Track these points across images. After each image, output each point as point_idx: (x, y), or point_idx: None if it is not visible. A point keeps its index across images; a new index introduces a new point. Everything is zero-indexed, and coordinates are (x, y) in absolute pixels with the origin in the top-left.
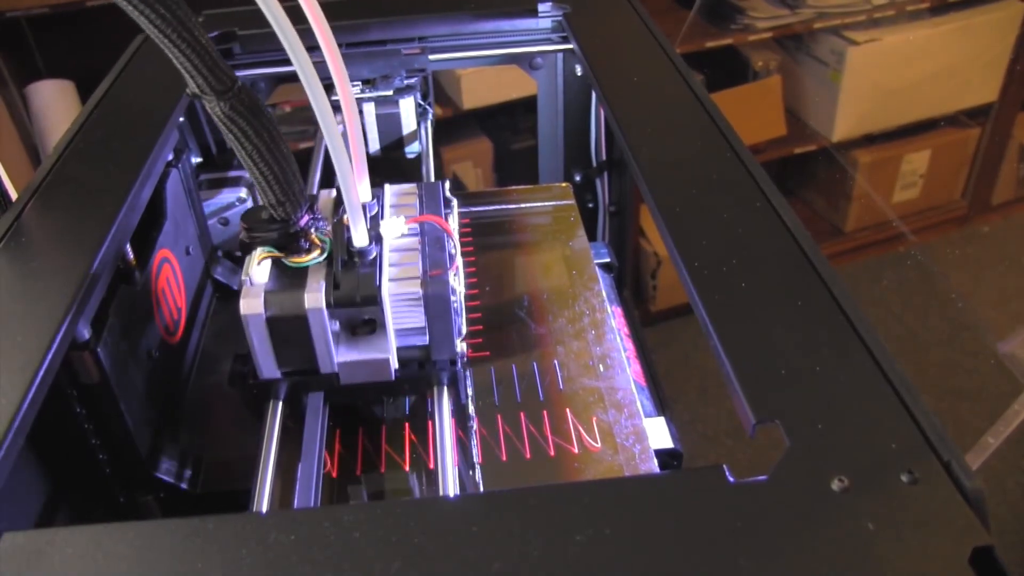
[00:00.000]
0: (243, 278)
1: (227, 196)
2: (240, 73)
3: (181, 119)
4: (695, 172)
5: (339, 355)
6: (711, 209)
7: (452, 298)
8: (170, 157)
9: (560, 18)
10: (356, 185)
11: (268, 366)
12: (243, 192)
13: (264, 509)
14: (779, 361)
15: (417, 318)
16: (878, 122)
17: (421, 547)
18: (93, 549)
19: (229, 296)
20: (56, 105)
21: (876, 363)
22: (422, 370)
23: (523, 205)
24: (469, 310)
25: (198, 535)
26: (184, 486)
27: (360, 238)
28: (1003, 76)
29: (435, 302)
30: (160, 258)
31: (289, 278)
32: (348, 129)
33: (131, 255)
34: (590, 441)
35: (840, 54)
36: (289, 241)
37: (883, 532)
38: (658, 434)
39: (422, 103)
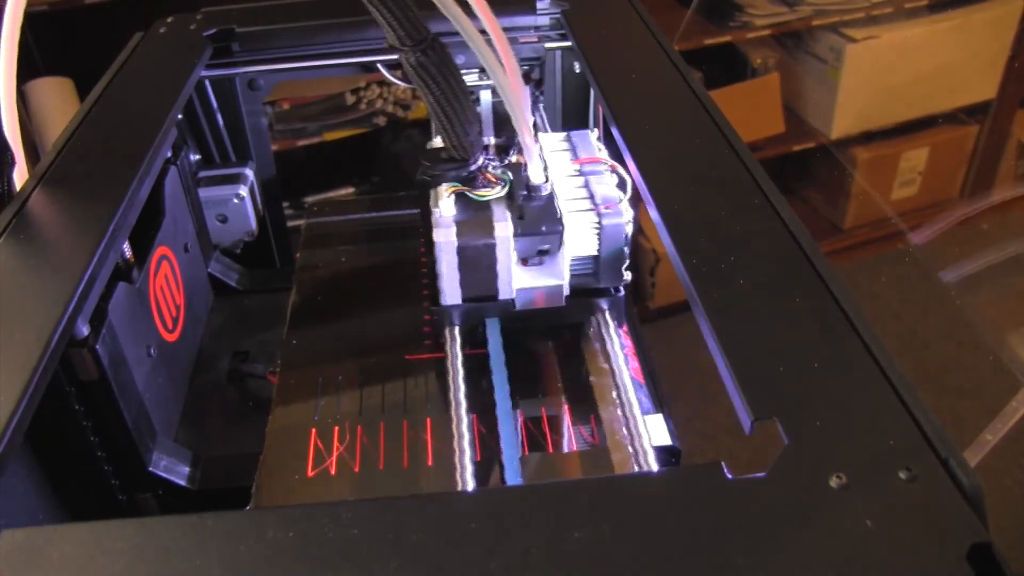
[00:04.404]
0: (433, 210)
1: (226, 193)
2: (238, 71)
3: (179, 116)
4: (694, 169)
5: (517, 282)
6: (709, 206)
7: (626, 227)
8: (169, 154)
9: (558, 15)
10: (530, 128)
11: (452, 293)
12: (241, 189)
13: (466, 450)
14: (777, 358)
15: (591, 247)
16: (877, 119)
17: (419, 545)
18: (92, 546)
19: (227, 293)
20: (54, 102)
21: (874, 360)
22: (585, 298)
23: None
24: None
25: (196, 532)
26: (182, 483)
27: (536, 175)
28: (1001, 73)
29: (611, 231)
30: (159, 255)
31: (475, 210)
32: (513, 88)
33: (129, 252)
34: (588, 438)
35: (839, 51)
36: (467, 178)
37: (881, 529)
38: (656, 431)
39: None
